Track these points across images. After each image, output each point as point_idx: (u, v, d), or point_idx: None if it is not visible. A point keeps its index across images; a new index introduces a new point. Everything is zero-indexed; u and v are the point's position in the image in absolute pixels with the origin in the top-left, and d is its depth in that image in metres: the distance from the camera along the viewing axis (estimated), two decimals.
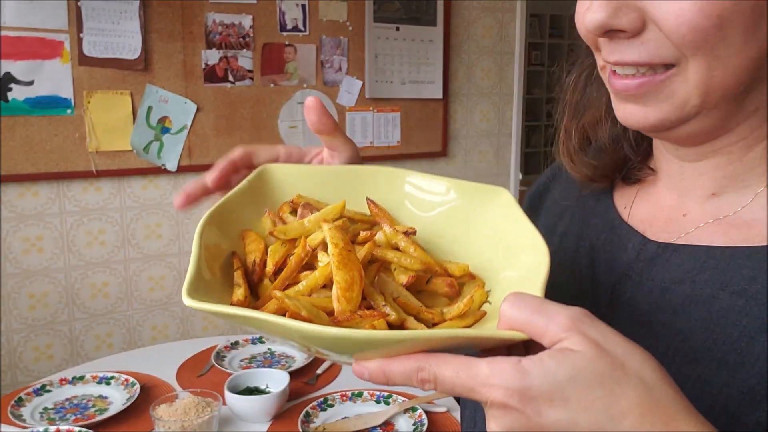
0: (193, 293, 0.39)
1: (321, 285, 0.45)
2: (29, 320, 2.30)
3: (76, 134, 2.26)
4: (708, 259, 0.52)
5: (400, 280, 0.48)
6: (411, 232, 0.53)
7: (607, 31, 0.47)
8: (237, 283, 0.46)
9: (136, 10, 2.28)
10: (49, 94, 2.20)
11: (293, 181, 0.59)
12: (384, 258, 0.50)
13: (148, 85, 2.34)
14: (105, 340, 2.44)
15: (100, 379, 1.46)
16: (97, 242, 2.37)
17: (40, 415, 1.33)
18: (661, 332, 0.52)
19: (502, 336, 0.38)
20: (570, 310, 0.37)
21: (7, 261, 2.24)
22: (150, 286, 2.49)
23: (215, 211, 0.50)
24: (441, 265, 0.51)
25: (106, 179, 2.35)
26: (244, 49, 2.48)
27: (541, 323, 0.37)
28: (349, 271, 0.43)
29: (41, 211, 2.27)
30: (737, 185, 0.54)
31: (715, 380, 0.47)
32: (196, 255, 0.44)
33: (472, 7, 2.95)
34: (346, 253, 0.44)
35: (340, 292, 0.42)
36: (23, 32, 2.13)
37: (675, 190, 0.58)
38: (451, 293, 0.50)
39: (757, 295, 0.48)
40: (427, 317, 0.46)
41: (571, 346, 0.36)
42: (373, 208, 0.57)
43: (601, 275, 0.59)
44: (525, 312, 0.38)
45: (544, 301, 0.38)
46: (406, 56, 2.80)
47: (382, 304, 0.45)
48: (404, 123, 2.85)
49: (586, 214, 0.65)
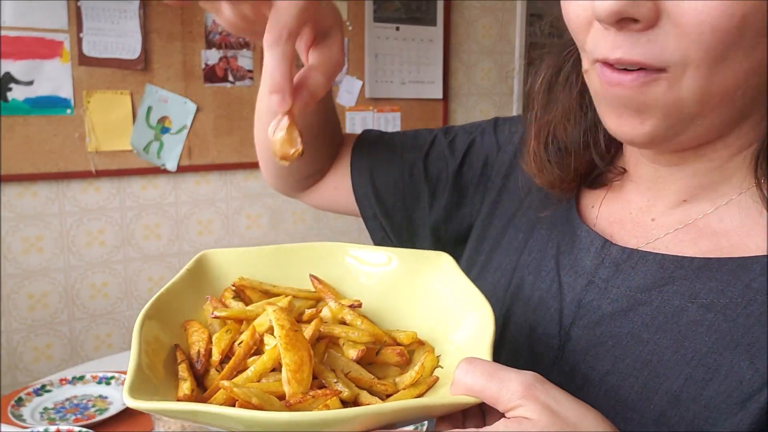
0: (135, 392, 0.38)
1: (270, 369, 0.44)
2: (29, 320, 2.30)
3: (75, 134, 2.25)
4: (677, 269, 0.51)
5: (350, 355, 0.48)
6: (356, 305, 0.53)
7: (619, 20, 0.43)
8: (182, 377, 0.45)
9: (136, 10, 2.28)
10: (49, 94, 2.19)
11: (234, 265, 0.58)
12: (331, 334, 0.49)
13: (147, 85, 2.34)
14: (105, 340, 2.44)
15: (100, 379, 1.46)
16: (96, 242, 2.37)
17: (40, 415, 1.33)
18: (629, 344, 0.51)
19: (457, 401, 0.39)
20: (522, 375, 0.38)
21: (7, 261, 2.24)
22: (149, 286, 2.49)
23: (154, 303, 0.48)
24: (389, 334, 0.51)
25: (106, 179, 2.35)
26: (244, 49, 2.48)
27: (495, 389, 0.38)
28: (297, 352, 0.42)
29: (41, 211, 2.27)
30: (710, 194, 0.52)
31: (683, 395, 0.47)
32: (136, 351, 0.42)
33: (472, 7, 2.95)
34: (293, 334, 0.44)
35: (290, 375, 0.41)
36: (23, 32, 2.13)
37: (646, 193, 0.57)
38: (401, 362, 0.49)
39: (726, 310, 0.47)
40: (381, 389, 0.46)
41: (526, 414, 0.37)
42: (317, 283, 0.57)
43: (567, 281, 0.58)
44: (479, 379, 0.39)
45: (497, 367, 0.39)
46: (406, 56, 2.80)
47: (334, 381, 0.44)
48: (404, 123, 2.85)
49: (553, 217, 0.63)
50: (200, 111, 2.43)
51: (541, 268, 0.61)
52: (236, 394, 0.40)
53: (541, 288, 0.59)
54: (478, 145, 0.72)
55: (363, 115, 2.76)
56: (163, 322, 0.49)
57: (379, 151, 0.75)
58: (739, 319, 0.47)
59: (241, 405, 0.39)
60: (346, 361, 0.48)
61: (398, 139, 0.76)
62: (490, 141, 0.72)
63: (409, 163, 0.73)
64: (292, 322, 0.45)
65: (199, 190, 2.51)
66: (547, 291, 0.59)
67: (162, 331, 0.48)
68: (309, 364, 0.43)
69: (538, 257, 0.62)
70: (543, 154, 0.61)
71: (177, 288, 0.52)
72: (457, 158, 0.72)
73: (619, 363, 0.51)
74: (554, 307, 0.57)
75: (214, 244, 2.57)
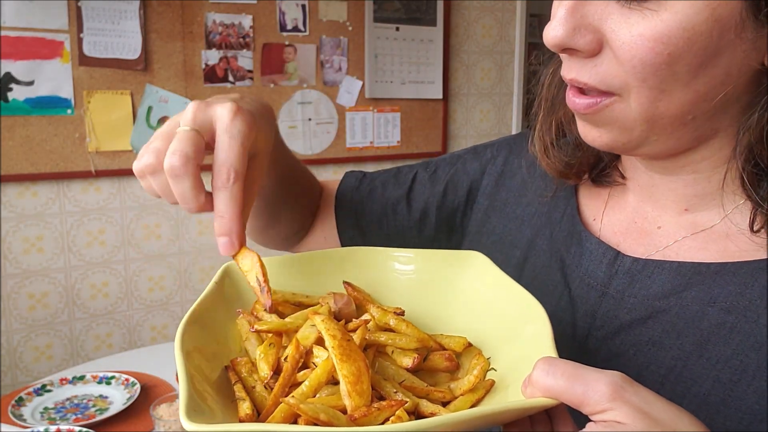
0: (193, 416, 0.36)
1: (325, 382, 0.42)
2: (29, 320, 2.30)
3: (76, 134, 2.26)
4: (694, 276, 0.51)
5: (403, 363, 0.46)
6: (399, 312, 0.51)
7: (565, 49, 0.48)
8: (240, 396, 0.43)
9: (136, 10, 2.28)
10: (49, 94, 2.20)
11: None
12: (377, 341, 0.47)
13: (148, 85, 2.34)
14: (105, 340, 2.44)
15: (101, 379, 1.47)
16: (96, 242, 2.37)
17: (41, 415, 1.34)
18: (650, 351, 0.51)
19: (535, 404, 0.36)
20: (608, 375, 0.36)
21: (7, 261, 2.24)
22: (150, 286, 2.49)
23: (189, 322, 0.45)
24: (434, 339, 0.49)
25: (106, 179, 2.35)
26: (244, 49, 2.48)
27: (580, 391, 0.35)
28: (354, 363, 0.40)
29: (41, 211, 2.27)
30: (709, 202, 0.53)
31: (712, 398, 0.47)
32: (185, 375, 0.39)
33: (472, 7, 2.95)
34: (346, 344, 0.41)
35: (349, 387, 0.39)
36: (23, 32, 2.13)
37: (648, 201, 0.58)
38: (451, 367, 0.47)
39: (746, 312, 0.48)
40: (438, 396, 0.44)
41: (619, 419, 0.35)
42: (351, 290, 0.55)
43: (579, 294, 0.58)
44: (560, 380, 0.36)
45: (579, 367, 0.37)
46: (406, 56, 2.80)
47: (394, 392, 0.42)
48: (404, 123, 2.85)
49: (552, 225, 0.64)
50: None
51: (547, 282, 0.60)
52: (303, 411, 0.37)
53: (550, 303, 0.59)
54: (460, 173, 0.74)
55: (363, 115, 2.76)
56: (202, 340, 0.46)
57: (362, 193, 0.77)
58: (760, 320, 0.47)
59: (307, 422, 0.37)
60: (396, 369, 0.45)
61: (380, 179, 0.78)
62: (473, 167, 0.74)
63: (393, 201, 0.75)
64: (343, 332, 0.43)
65: None
66: (557, 305, 0.58)
67: (203, 352, 0.45)
68: (367, 375, 0.40)
69: (543, 273, 0.62)
70: (553, 145, 0.62)
71: (208, 303, 0.50)
72: (439, 189, 0.74)
73: (643, 371, 0.51)
74: (566, 321, 0.57)
75: (214, 243, 2.56)
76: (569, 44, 0.47)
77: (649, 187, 0.57)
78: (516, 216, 0.68)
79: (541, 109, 0.64)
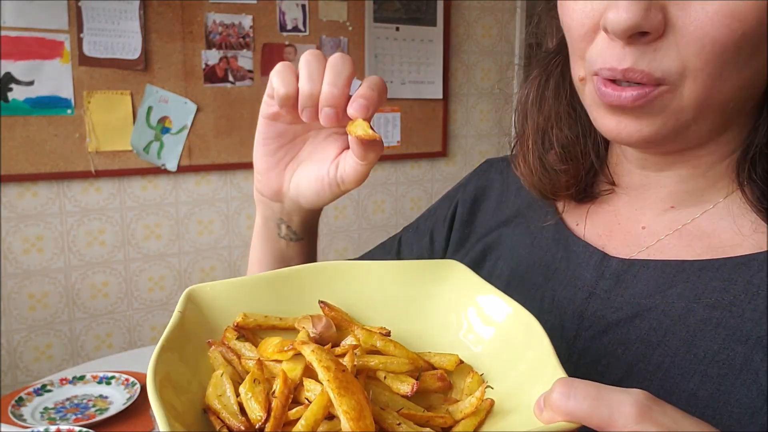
0: None
1: (322, 419, 0.38)
2: (29, 320, 2.30)
3: (76, 134, 2.26)
4: (678, 273, 0.52)
5: (401, 390, 0.42)
6: (385, 333, 0.47)
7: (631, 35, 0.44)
8: None
9: (136, 10, 2.28)
10: (49, 94, 2.20)
11: (228, 299, 0.50)
12: (367, 366, 0.43)
13: (148, 85, 2.34)
14: (105, 340, 2.44)
15: (101, 379, 1.47)
16: (97, 242, 2.37)
17: (41, 415, 1.34)
18: (639, 349, 0.51)
19: (557, 429, 0.34)
20: (632, 395, 0.34)
21: (7, 261, 2.24)
22: (150, 286, 2.49)
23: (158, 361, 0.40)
24: (423, 357, 0.46)
25: (106, 179, 2.35)
26: (244, 49, 2.48)
27: (606, 414, 0.33)
28: (353, 396, 0.36)
29: (41, 211, 2.27)
30: (696, 199, 0.54)
31: (701, 393, 0.47)
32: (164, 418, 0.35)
33: (472, 7, 2.95)
34: (341, 375, 0.37)
35: (351, 424, 0.35)
36: (23, 32, 2.13)
37: (633, 202, 0.58)
38: (443, 387, 0.44)
39: (732, 306, 0.48)
40: (438, 422, 0.40)
41: None
42: (329, 311, 0.50)
43: (565, 295, 0.58)
44: (583, 402, 0.34)
45: (600, 387, 0.35)
46: (406, 56, 2.80)
47: (397, 423, 0.39)
48: (404, 123, 2.85)
49: (532, 233, 0.64)
50: (200, 111, 2.43)
51: (529, 287, 0.60)
52: None
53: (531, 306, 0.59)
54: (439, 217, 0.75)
55: None
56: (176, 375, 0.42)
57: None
58: (745, 314, 0.48)
59: None
60: (390, 395, 0.42)
61: (367, 255, 0.80)
62: (447, 205, 0.75)
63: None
64: (336, 363, 0.39)
65: (199, 190, 2.51)
66: (539, 308, 0.58)
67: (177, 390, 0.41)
68: (368, 408, 0.37)
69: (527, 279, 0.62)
70: (536, 162, 0.61)
71: (175, 337, 0.44)
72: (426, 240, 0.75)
73: (632, 369, 0.51)
74: (551, 322, 0.57)
75: (214, 244, 2.57)
76: (642, 26, 0.43)
77: (638, 187, 0.57)
78: (495, 226, 0.68)
79: (525, 126, 0.63)
